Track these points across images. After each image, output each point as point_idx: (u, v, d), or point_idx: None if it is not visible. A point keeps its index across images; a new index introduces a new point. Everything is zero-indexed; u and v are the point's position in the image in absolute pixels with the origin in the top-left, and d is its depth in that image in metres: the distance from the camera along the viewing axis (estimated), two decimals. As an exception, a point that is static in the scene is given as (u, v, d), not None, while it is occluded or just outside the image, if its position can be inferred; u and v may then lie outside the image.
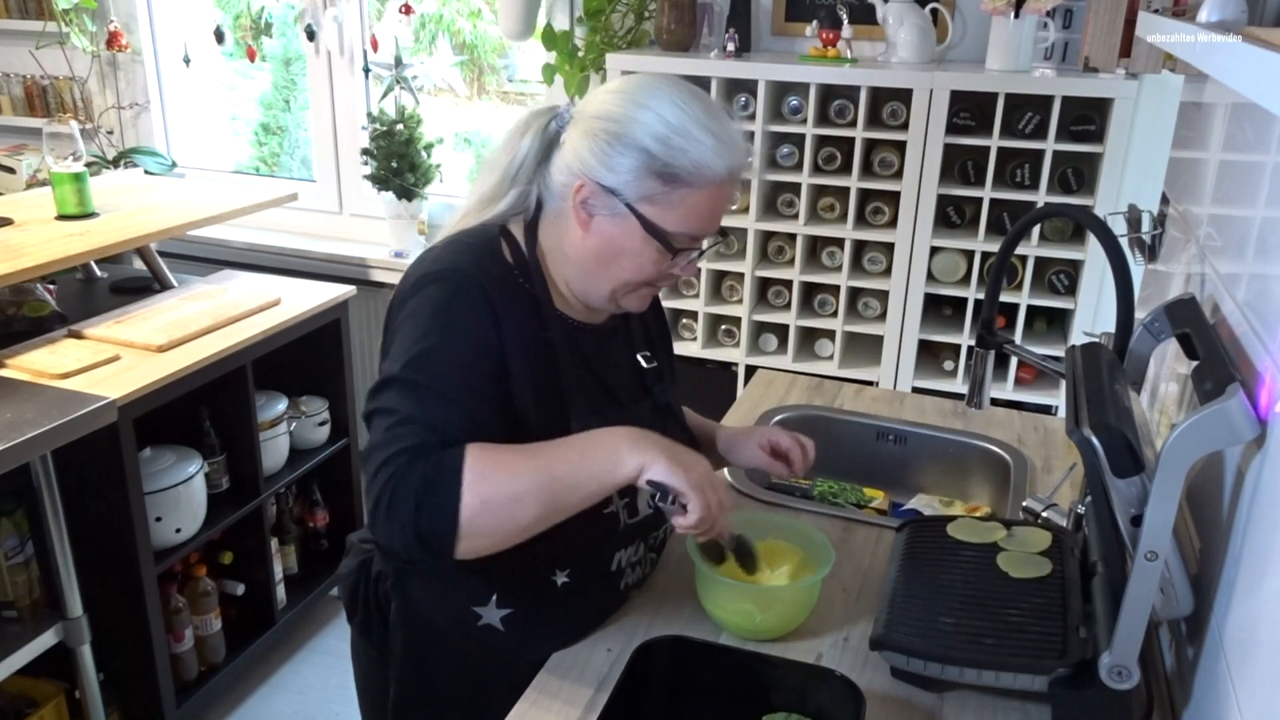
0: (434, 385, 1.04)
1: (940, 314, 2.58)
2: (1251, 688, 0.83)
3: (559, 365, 1.16)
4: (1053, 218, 2.30)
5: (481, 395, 1.07)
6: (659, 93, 1.10)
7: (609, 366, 1.24)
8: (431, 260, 1.14)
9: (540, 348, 1.15)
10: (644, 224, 1.09)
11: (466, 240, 1.16)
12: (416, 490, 0.98)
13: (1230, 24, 1.08)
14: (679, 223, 1.10)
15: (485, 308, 1.09)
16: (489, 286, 1.10)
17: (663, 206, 1.09)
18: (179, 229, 2.49)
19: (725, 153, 1.08)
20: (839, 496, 1.72)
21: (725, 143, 1.08)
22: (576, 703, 1.13)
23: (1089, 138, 2.26)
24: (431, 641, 1.24)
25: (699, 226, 1.11)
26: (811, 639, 1.24)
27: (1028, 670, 1.05)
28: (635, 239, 1.10)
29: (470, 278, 1.10)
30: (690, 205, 1.09)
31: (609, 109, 1.10)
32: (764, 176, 2.51)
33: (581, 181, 1.10)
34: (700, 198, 1.09)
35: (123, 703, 2.25)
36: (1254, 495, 0.89)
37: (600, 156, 1.09)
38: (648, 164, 1.07)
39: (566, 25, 2.85)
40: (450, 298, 1.08)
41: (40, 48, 3.48)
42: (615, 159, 1.08)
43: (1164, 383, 1.42)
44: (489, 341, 1.08)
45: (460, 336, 1.07)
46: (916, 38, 2.44)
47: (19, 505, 1.98)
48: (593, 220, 1.12)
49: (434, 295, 1.09)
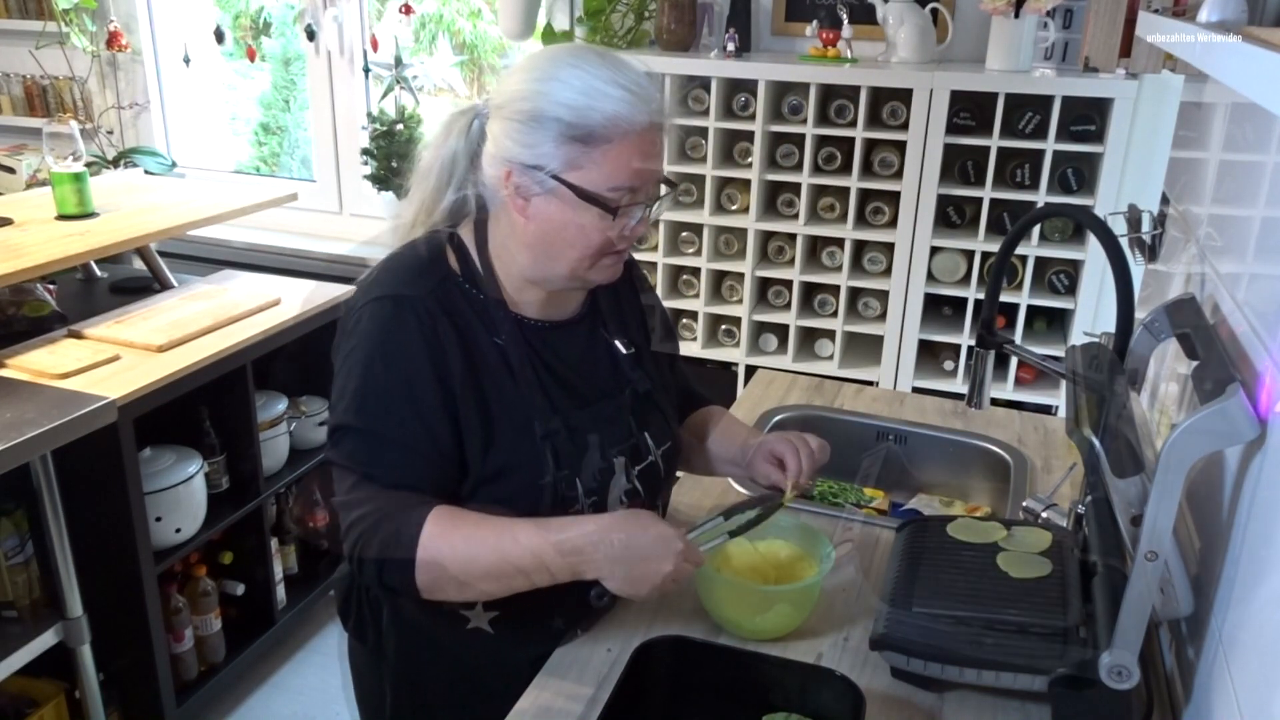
0: (383, 430, 1.10)
1: (940, 314, 2.58)
2: (1251, 687, 0.83)
3: (513, 369, 1.15)
4: (1053, 218, 2.30)
5: (428, 428, 1.10)
6: (560, 61, 1.10)
7: (578, 362, 1.23)
8: (371, 284, 1.14)
9: (493, 354, 1.14)
10: (575, 191, 1.08)
11: (409, 256, 1.17)
12: (377, 555, 1.07)
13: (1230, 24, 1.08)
14: (607, 180, 1.08)
15: (421, 334, 1.10)
16: (428, 304, 1.11)
17: (588, 169, 1.08)
18: (179, 229, 2.49)
19: (637, 101, 1.07)
20: (839, 496, 1.72)
21: (636, 92, 1.08)
22: (576, 703, 1.13)
23: (1089, 138, 2.26)
24: (424, 646, 1.24)
25: (629, 178, 1.09)
26: (811, 639, 1.24)
27: (1028, 670, 1.05)
28: (572, 209, 1.09)
29: (405, 302, 1.11)
30: (614, 159, 1.08)
31: (517, 91, 1.10)
32: (764, 176, 2.51)
33: (508, 168, 1.10)
34: (622, 150, 1.08)
35: (123, 703, 2.25)
36: (1254, 495, 0.89)
37: (518, 138, 1.09)
38: (563, 132, 1.07)
39: (566, 25, 2.85)
40: (386, 330, 1.10)
41: (40, 48, 3.48)
42: (533, 136, 1.08)
43: (1164, 383, 1.42)
44: (428, 368, 1.10)
45: (400, 372, 1.10)
46: (916, 38, 2.44)
47: (19, 505, 1.98)
48: (529, 204, 1.11)
49: (371, 330, 1.11)
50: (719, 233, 2.62)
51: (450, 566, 1.07)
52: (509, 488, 1.14)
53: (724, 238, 2.62)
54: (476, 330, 1.14)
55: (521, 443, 1.14)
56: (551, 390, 1.18)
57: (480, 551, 1.07)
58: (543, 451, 1.14)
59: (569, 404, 1.19)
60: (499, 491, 1.14)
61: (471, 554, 1.07)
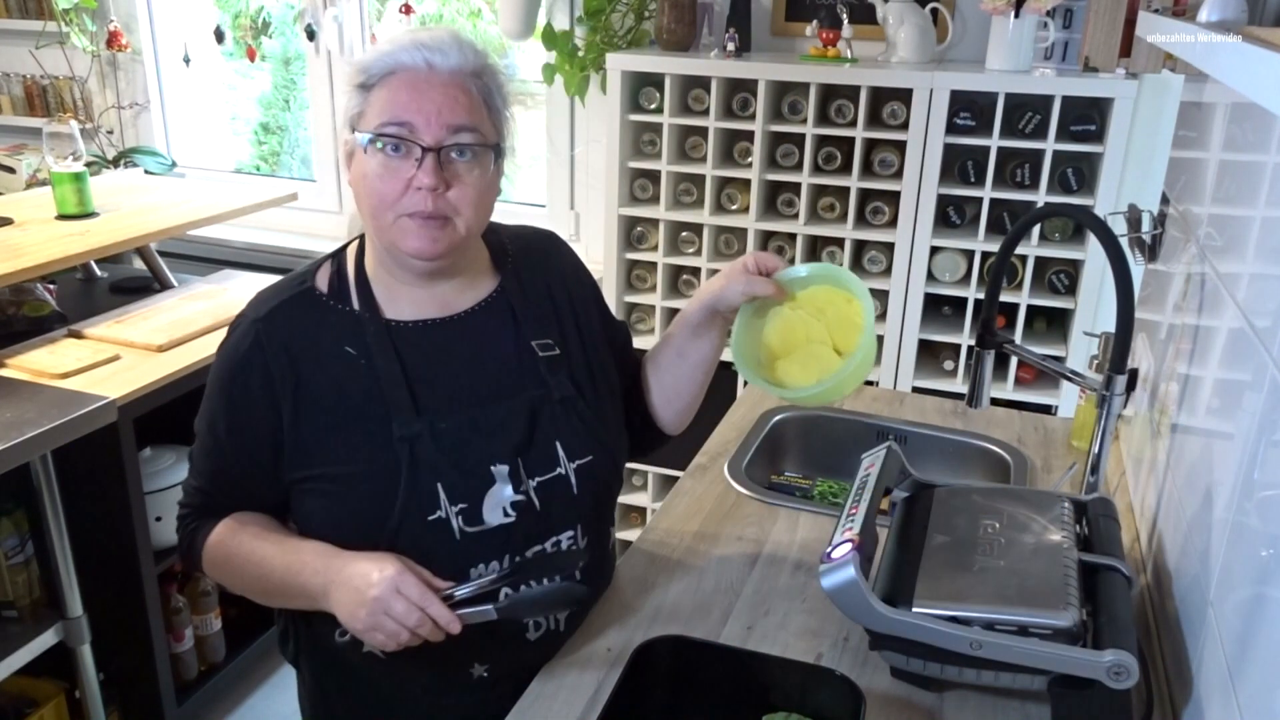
0: (212, 446, 1.19)
1: (940, 314, 2.58)
2: (1251, 687, 0.83)
3: (377, 375, 1.14)
4: (1053, 218, 2.30)
5: (246, 449, 1.16)
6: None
7: (466, 362, 1.18)
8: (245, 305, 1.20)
9: (344, 364, 1.14)
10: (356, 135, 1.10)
11: (283, 280, 1.21)
12: (179, 545, 1.25)
13: (1230, 24, 1.08)
14: (378, 117, 1.09)
15: (252, 356, 1.14)
16: (265, 326, 1.15)
17: (366, 114, 1.10)
18: (179, 229, 2.49)
19: (414, 48, 1.09)
20: (839, 496, 1.72)
21: (422, 42, 1.09)
22: (576, 702, 1.13)
23: (1089, 138, 2.26)
24: (332, 666, 1.24)
25: (396, 114, 1.08)
26: (811, 639, 1.24)
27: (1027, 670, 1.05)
28: (360, 159, 1.11)
29: (244, 324, 1.16)
30: (383, 98, 1.09)
31: None
32: (764, 176, 2.51)
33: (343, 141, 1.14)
34: (391, 88, 1.09)
35: (123, 703, 2.25)
36: (1254, 495, 0.89)
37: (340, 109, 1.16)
38: (353, 82, 1.11)
39: (566, 25, 2.85)
40: (228, 351, 1.17)
41: (40, 48, 3.48)
42: (342, 96, 1.15)
43: (1164, 382, 1.42)
44: (254, 390, 1.14)
45: (228, 394, 1.16)
46: (916, 38, 2.44)
47: (19, 505, 1.98)
48: (350, 173, 1.14)
49: (219, 354, 1.18)
50: (719, 233, 2.62)
51: (225, 576, 1.20)
52: (361, 492, 1.12)
53: (724, 238, 2.62)
54: (329, 343, 1.15)
55: (376, 447, 1.12)
56: (422, 394, 1.14)
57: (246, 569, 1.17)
58: (399, 455, 1.11)
59: (444, 407, 1.15)
60: (350, 497, 1.13)
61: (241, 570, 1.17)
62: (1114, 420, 1.35)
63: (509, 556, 1.15)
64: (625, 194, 2.66)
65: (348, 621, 1.05)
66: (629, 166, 2.64)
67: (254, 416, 1.14)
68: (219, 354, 1.18)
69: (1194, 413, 1.21)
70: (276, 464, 1.15)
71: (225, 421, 1.17)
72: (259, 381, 1.14)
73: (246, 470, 1.17)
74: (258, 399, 1.14)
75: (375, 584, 1.02)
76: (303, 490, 1.16)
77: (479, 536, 1.13)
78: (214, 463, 1.19)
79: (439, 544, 1.12)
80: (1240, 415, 0.98)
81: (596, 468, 1.21)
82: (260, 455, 1.15)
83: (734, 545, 1.44)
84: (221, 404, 1.17)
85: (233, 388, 1.15)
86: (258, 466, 1.16)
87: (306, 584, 1.09)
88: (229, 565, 1.18)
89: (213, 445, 1.18)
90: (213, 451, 1.19)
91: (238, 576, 1.19)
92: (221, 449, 1.18)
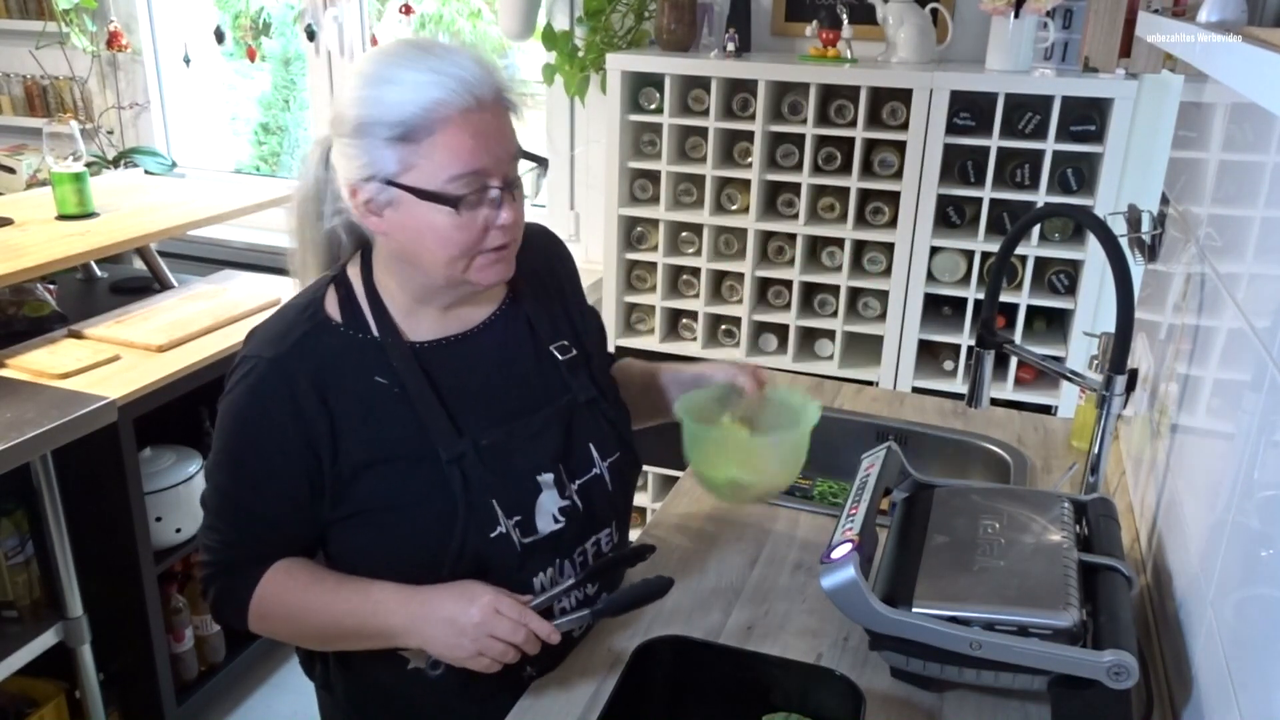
0: (237, 494, 1.12)
1: (940, 314, 2.58)
2: (1251, 687, 0.83)
3: (411, 400, 1.10)
4: (1053, 218, 2.30)
5: (283, 493, 1.10)
6: (375, 62, 1.04)
7: (492, 376, 1.17)
8: (247, 340, 1.13)
9: (377, 393, 1.10)
10: (414, 193, 1.02)
11: (286, 309, 1.14)
12: (214, 604, 1.17)
13: (1230, 24, 1.08)
14: (442, 171, 1.02)
15: (280, 396, 1.07)
16: (288, 363, 1.08)
17: (420, 166, 1.02)
18: (179, 229, 2.49)
19: (455, 84, 1.01)
20: (839, 496, 1.72)
21: (454, 75, 1.01)
22: (576, 703, 1.13)
23: (1089, 138, 2.26)
24: (371, 688, 1.22)
25: (467, 163, 1.02)
26: (811, 639, 1.24)
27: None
28: (421, 213, 1.04)
29: (264, 364, 1.08)
30: (444, 149, 1.01)
31: (342, 106, 1.05)
32: (764, 176, 2.51)
33: (352, 187, 1.06)
34: (449, 137, 1.01)
35: (123, 703, 2.25)
36: (1254, 495, 0.90)
37: (352, 154, 1.04)
38: (386, 134, 1.01)
39: (566, 25, 2.85)
40: (247, 395, 1.09)
41: (40, 48, 3.48)
42: (361, 147, 1.03)
43: (1164, 383, 1.42)
44: (287, 432, 1.08)
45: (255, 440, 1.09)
46: (916, 38, 2.44)
47: (19, 505, 1.98)
48: (383, 219, 1.06)
49: (236, 393, 1.10)
50: (719, 233, 2.62)
51: (281, 631, 1.15)
52: (418, 520, 1.10)
53: (724, 238, 2.62)
54: (356, 374, 1.10)
55: (426, 473, 1.09)
56: (458, 413, 1.12)
57: (307, 616, 1.12)
58: (451, 478, 1.09)
59: (482, 423, 1.13)
60: (406, 526, 1.10)
61: (299, 616, 1.12)
62: (1114, 420, 1.35)
63: (560, 561, 1.18)
64: (625, 194, 2.66)
65: (447, 653, 1.06)
66: (629, 167, 2.64)
67: (289, 458, 1.08)
68: (233, 399, 1.10)
69: (1194, 413, 1.21)
70: (314, 504, 1.11)
71: (254, 467, 1.10)
72: (288, 421, 1.07)
73: (282, 514, 1.12)
74: (291, 440, 1.08)
75: (473, 611, 1.04)
76: (348, 526, 1.13)
77: (535, 546, 1.15)
78: (241, 513, 1.13)
79: (503, 559, 1.12)
80: (1240, 415, 0.98)
81: (624, 464, 1.24)
82: (298, 496, 1.10)
83: (734, 545, 1.44)
84: (246, 450, 1.10)
85: (259, 432, 1.09)
86: (295, 509, 1.11)
87: (385, 624, 1.08)
88: (286, 618, 1.13)
89: (239, 495, 1.12)
90: (239, 502, 1.12)
91: (296, 626, 1.14)
92: (250, 498, 1.12)
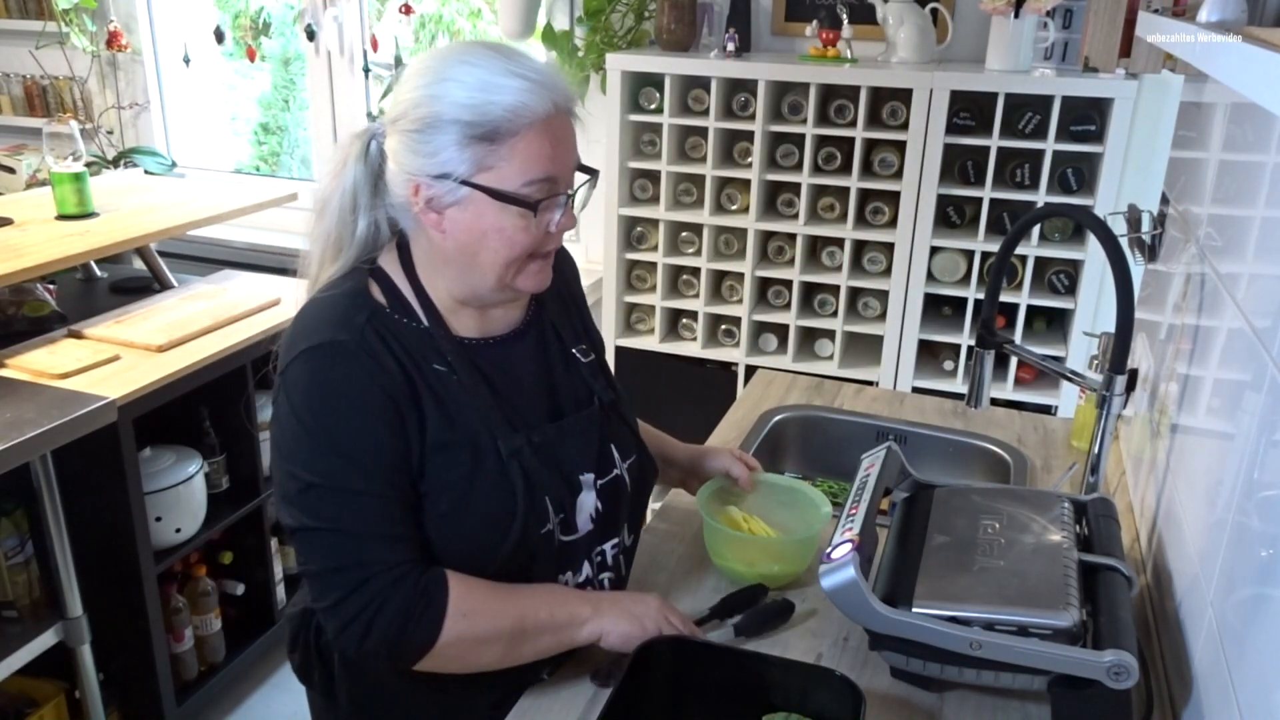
0: (346, 482, 1.03)
1: (940, 314, 2.58)
2: (1251, 687, 0.83)
3: (467, 391, 1.09)
4: (1053, 218, 2.30)
5: (392, 470, 1.05)
6: (450, 60, 1.03)
7: (531, 378, 1.17)
8: (295, 339, 1.07)
9: (440, 381, 1.08)
10: (490, 193, 1.02)
11: (330, 298, 1.10)
12: (401, 615, 1.02)
13: (1230, 24, 1.08)
14: (521, 174, 1.02)
15: (367, 374, 1.04)
16: (366, 343, 1.05)
17: (499, 168, 1.02)
18: (179, 229, 2.49)
19: (538, 89, 1.01)
20: (839, 496, 1.72)
21: (534, 80, 1.01)
22: (576, 703, 1.13)
23: (1089, 138, 2.26)
24: (375, 692, 1.19)
25: (543, 169, 1.03)
26: (811, 639, 1.24)
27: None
28: (490, 213, 1.03)
29: (341, 346, 1.04)
30: (524, 153, 1.02)
31: (410, 99, 1.03)
32: (764, 176, 2.51)
33: (415, 183, 1.04)
34: (530, 141, 1.02)
35: (123, 703, 2.25)
36: (1254, 495, 0.89)
37: (420, 149, 1.03)
38: (464, 133, 1.01)
39: (566, 25, 2.85)
40: (329, 378, 1.04)
41: (40, 48, 3.48)
42: (433, 145, 1.02)
43: (1164, 383, 1.42)
44: (381, 409, 1.04)
45: (350, 419, 1.03)
46: (916, 38, 2.44)
47: (19, 505, 1.98)
48: (444, 218, 1.05)
49: (311, 383, 1.04)
50: (719, 233, 2.62)
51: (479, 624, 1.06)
52: (480, 512, 1.09)
53: (724, 238, 2.62)
54: (418, 361, 1.08)
55: (489, 464, 1.09)
56: (508, 409, 1.12)
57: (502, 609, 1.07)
58: (511, 471, 1.09)
59: (531, 421, 1.14)
60: (469, 519, 1.08)
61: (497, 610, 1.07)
62: (1114, 420, 1.35)
63: (580, 561, 1.19)
64: (625, 194, 2.66)
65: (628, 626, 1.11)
66: (629, 166, 2.64)
67: (393, 433, 1.04)
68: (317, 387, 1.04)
69: (1194, 413, 1.21)
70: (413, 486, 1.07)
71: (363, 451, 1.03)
72: (383, 397, 1.04)
73: (405, 495, 1.06)
74: (390, 414, 1.04)
75: (649, 616, 1.13)
76: None
77: (568, 545, 1.16)
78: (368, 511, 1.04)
79: (544, 555, 1.14)
80: (1240, 415, 0.98)
81: (640, 465, 1.25)
82: (411, 473, 1.06)
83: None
84: (355, 439, 1.03)
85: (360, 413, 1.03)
86: (412, 488, 1.07)
87: (575, 611, 1.11)
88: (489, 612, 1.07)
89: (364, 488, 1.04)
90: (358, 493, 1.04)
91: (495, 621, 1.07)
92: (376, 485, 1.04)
